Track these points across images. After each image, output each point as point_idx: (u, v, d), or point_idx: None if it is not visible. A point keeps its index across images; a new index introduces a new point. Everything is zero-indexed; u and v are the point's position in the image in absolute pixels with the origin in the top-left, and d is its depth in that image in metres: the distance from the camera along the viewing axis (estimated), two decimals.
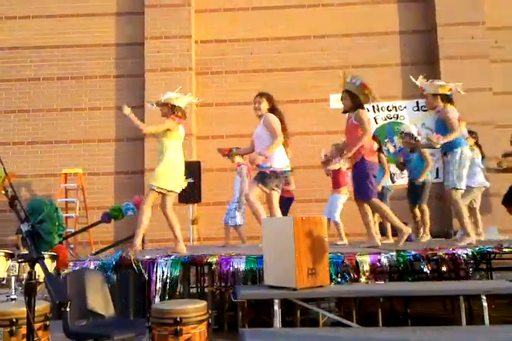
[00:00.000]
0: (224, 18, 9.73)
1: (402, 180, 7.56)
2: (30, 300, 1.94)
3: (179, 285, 4.86)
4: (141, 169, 9.07)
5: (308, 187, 7.83)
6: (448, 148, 5.03)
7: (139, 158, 9.16)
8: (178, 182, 5.05)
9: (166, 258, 4.28)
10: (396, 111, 9.27)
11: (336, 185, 6.64)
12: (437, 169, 8.72)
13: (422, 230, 6.59)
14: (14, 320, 2.86)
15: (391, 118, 9.14)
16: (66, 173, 8.96)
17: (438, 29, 9.21)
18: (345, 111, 5.29)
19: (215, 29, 9.68)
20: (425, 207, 6.63)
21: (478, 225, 6.47)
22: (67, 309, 1.74)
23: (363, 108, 5.18)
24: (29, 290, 1.93)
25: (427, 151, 6.60)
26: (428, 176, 6.67)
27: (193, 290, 5.56)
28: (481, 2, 9.27)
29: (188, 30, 9.45)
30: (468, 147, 5.22)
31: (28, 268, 1.98)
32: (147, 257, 4.31)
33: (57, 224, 2.01)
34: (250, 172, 6.54)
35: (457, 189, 4.99)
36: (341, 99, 5.25)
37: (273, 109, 5.02)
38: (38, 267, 1.92)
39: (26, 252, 1.97)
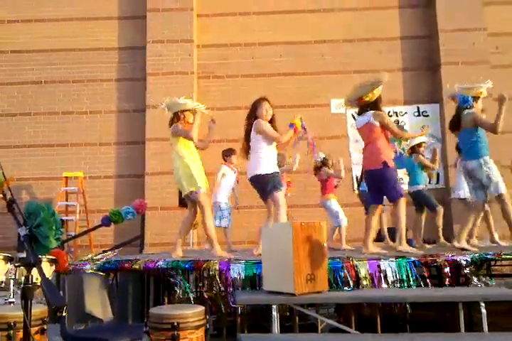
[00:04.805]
0: (226, 22, 9.76)
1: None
2: (27, 303, 1.94)
3: (178, 290, 4.87)
4: (142, 173, 9.08)
5: (310, 192, 7.82)
6: None
7: (140, 162, 9.16)
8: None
9: None
10: (397, 116, 9.31)
11: (324, 190, 6.84)
12: (437, 174, 8.71)
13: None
14: (12, 323, 2.84)
15: None
16: (67, 176, 8.95)
17: (439, 35, 9.23)
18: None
19: (216, 33, 9.70)
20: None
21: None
22: (64, 313, 1.74)
23: None
24: (26, 294, 1.94)
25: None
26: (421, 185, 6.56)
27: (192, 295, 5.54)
28: (482, 8, 9.30)
29: (189, 34, 9.47)
30: None
31: (25, 272, 1.98)
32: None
33: (54, 228, 2.00)
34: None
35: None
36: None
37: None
38: (35, 271, 1.92)
39: (24, 256, 1.98)
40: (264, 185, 4.82)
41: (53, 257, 4.05)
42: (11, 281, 3.69)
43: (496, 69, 8.97)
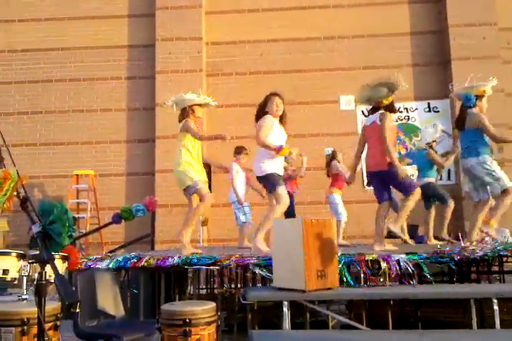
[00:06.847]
0: (234, 19, 9.75)
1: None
2: (41, 300, 1.96)
3: (189, 287, 4.89)
4: (152, 170, 9.12)
5: (319, 189, 7.80)
6: None
7: (150, 159, 9.21)
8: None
9: None
10: (407, 112, 9.26)
11: (331, 183, 7.10)
12: (448, 170, 8.65)
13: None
14: (25, 319, 2.87)
15: (402, 119, 9.11)
16: (78, 174, 9.03)
17: (450, 30, 9.15)
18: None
19: (225, 31, 9.70)
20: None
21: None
22: (77, 310, 1.76)
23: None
24: (39, 290, 1.96)
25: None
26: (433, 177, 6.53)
27: (203, 292, 5.57)
28: (493, 3, 9.20)
29: (198, 31, 9.49)
30: None
31: (39, 269, 2.00)
32: None
33: (67, 225, 2.03)
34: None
35: None
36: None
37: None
38: (48, 268, 1.94)
39: (37, 253, 2.00)
40: (266, 184, 4.93)
41: (66, 254, 4.08)
42: (24, 278, 3.72)
43: (508, 65, 8.90)
